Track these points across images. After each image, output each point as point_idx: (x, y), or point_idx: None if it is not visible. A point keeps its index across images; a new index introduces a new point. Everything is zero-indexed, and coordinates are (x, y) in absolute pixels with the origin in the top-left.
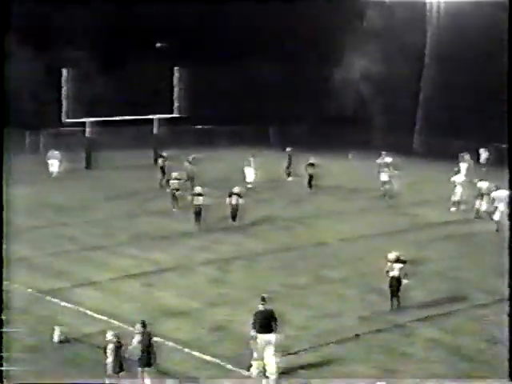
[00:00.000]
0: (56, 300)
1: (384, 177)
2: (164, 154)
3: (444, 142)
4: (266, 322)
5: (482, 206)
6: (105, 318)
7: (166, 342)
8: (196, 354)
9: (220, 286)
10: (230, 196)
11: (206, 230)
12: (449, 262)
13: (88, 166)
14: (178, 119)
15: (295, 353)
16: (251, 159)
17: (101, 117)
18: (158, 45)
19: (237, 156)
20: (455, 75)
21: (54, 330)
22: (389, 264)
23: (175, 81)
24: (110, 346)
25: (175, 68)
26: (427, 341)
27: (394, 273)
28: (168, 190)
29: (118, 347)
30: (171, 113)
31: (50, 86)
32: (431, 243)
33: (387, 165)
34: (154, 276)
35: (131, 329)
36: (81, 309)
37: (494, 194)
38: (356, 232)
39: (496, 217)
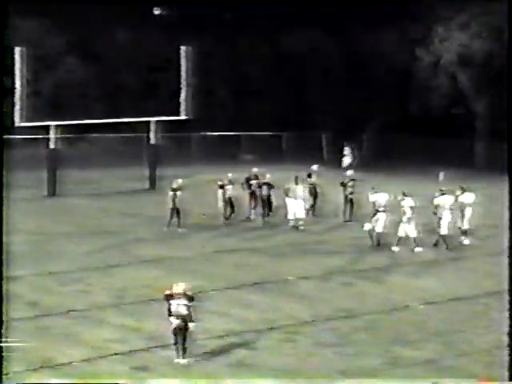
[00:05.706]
0: None
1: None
2: None
3: None
4: None
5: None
6: None
7: None
8: None
9: (242, 372)
10: (259, 187)
11: (228, 287)
12: None
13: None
14: None
15: None
16: (297, 187)
17: None
18: None
19: (278, 174)
20: None
21: None
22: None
23: None
24: None
25: None
26: None
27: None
28: None
29: None
30: None
31: None
32: None
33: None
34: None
35: None
36: None
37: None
38: (447, 292)
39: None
